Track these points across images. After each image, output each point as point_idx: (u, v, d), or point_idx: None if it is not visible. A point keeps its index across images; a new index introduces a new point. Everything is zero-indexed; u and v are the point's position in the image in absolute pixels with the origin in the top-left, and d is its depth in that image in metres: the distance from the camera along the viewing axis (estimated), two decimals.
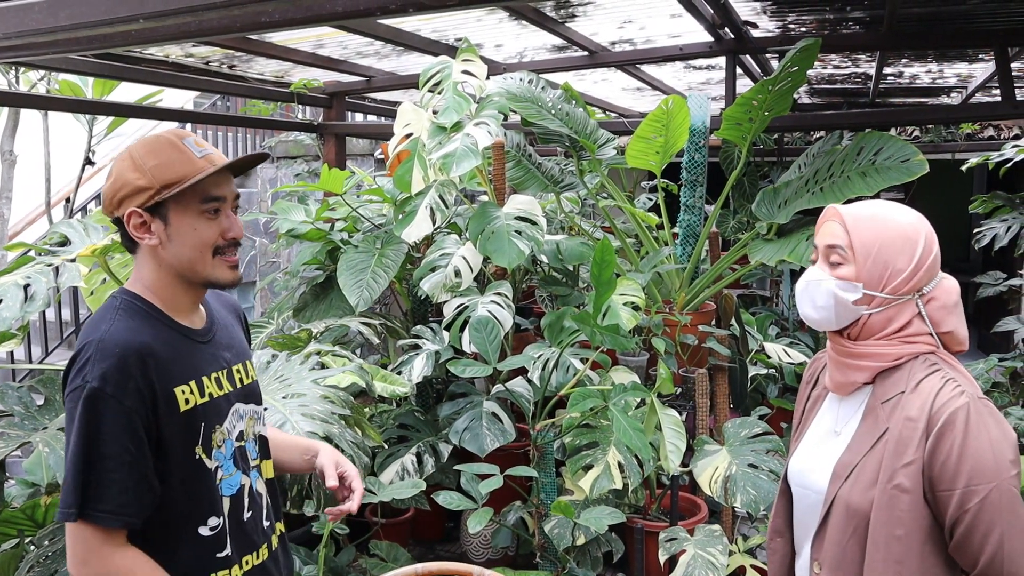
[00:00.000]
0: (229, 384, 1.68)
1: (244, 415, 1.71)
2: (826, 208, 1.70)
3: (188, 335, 1.63)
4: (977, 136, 7.79)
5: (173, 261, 1.57)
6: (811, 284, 1.65)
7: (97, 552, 1.46)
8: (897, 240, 1.59)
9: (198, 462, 1.57)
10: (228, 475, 1.64)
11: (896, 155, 3.43)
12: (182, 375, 1.56)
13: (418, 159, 3.71)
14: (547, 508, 3.25)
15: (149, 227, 1.56)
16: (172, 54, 4.56)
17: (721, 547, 3.05)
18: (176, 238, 1.56)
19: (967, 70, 5.33)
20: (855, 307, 1.60)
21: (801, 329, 7.25)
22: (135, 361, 1.48)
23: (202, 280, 1.60)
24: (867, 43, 4.26)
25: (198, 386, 1.59)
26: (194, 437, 1.57)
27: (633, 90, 6.40)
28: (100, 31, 2.18)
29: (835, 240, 1.62)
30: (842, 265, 1.61)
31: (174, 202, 1.55)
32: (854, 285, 1.59)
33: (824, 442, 1.68)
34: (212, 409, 1.61)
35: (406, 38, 4.21)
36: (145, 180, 1.53)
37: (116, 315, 1.55)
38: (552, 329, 3.32)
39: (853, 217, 1.62)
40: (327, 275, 4.36)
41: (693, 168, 4.08)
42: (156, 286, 1.60)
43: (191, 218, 1.56)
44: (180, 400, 1.54)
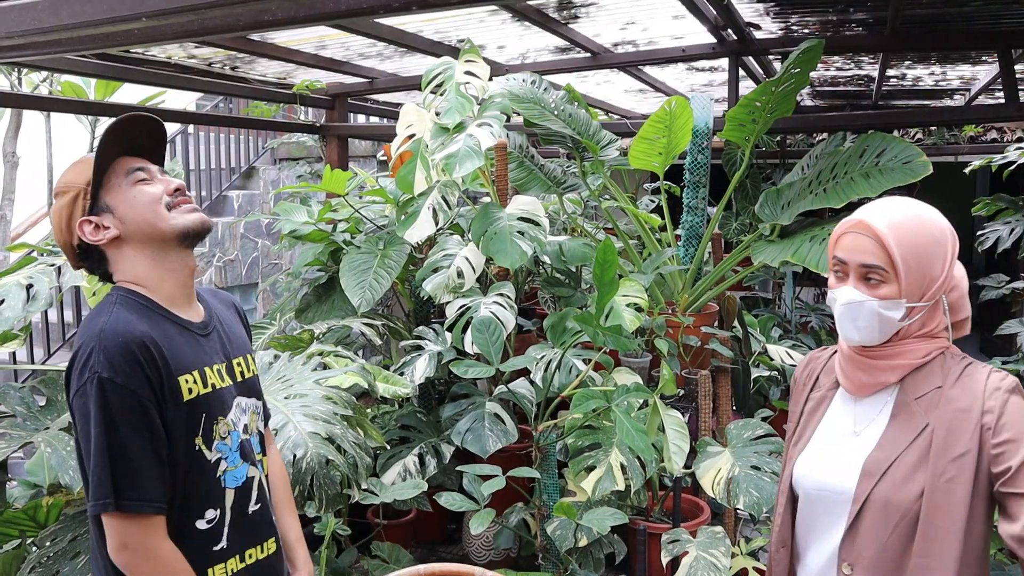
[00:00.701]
0: (230, 377, 1.68)
1: (247, 409, 1.72)
2: (852, 220, 1.61)
3: (187, 327, 1.63)
4: (980, 139, 7.79)
5: (138, 234, 1.60)
6: (852, 306, 1.59)
7: (139, 538, 1.47)
8: (932, 247, 1.55)
9: (198, 453, 1.57)
10: (233, 467, 1.64)
11: (899, 156, 3.42)
12: (185, 364, 1.57)
13: (421, 160, 3.71)
14: (549, 509, 3.25)
15: (101, 224, 1.59)
16: (175, 55, 4.56)
17: (724, 549, 3.04)
18: (127, 215, 1.59)
19: (970, 72, 5.33)
20: (899, 323, 1.57)
21: (803, 331, 7.25)
22: (140, 349, 1.49)
23: (172, 234, 1.61)
24: (870, 45, 4.26)
25: (201, 376, 1.60)
26: (195, 427, 1.57)
27: (635, 92, 6.40)
28: (103, 30, 2.17)
29: (872, 259, 1.56)
30: (884, 284, 1.56)
31: (104, 191, 1.60)
32: (897, 303, 1.55)
33: (840, 443, 1.65)
34: (215, 400, 1.62)
35: (408, 39, 4.21)
36: (71, 192, 1.60)
37: (114, 308, 1.55)
38: (555, 330, 3.31)
39: (890, 230, 1.55)
40: (329, 276, 4.36)
41: (696, 169, 4.08)
42: (142, 275, 1.61)
43: (126, 192, 1.60)
44: (184, 389, 1.55)
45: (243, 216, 8.00)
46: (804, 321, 7.48)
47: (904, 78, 5.60)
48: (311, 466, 2.52)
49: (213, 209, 9.12)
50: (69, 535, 2.49)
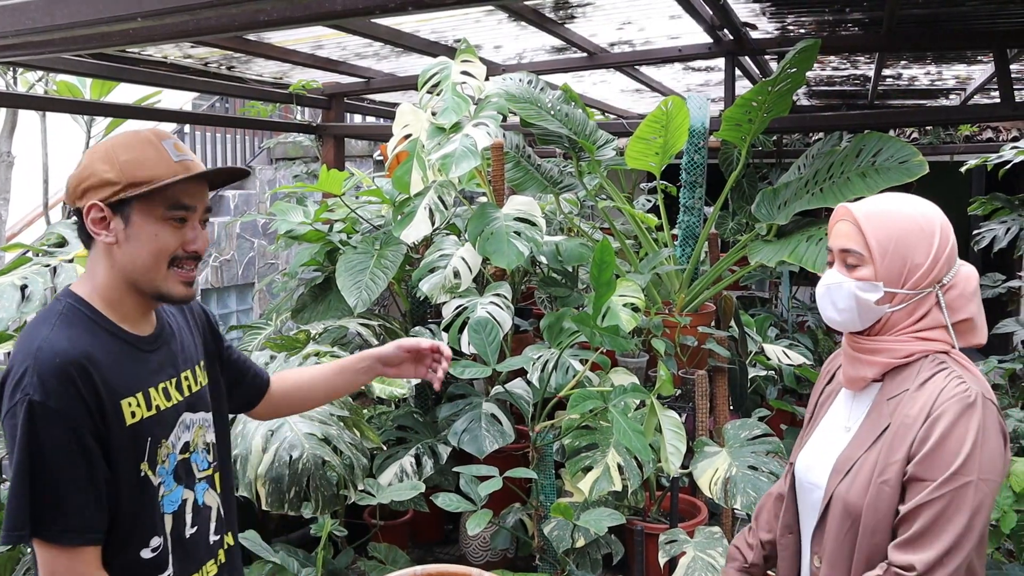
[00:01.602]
0: (177, 393, 1.58)
1: (192, 425, 1.61)
2: (837, 208, 1.68)
3: (135, 343, 1.52)
4: (976, 138, 7.80)
5: (127, 264, 1.48)
6: (831, 288, 1.63)
7: (67, 570, 1.37)
8: (913, 234, 1.57)
9: (144, 479, 1.48)
10: (169, 491, 1.54)
11: (895, 156, 3.42)
12: (128, 387, 1.46)
13: (417, 160, 3.71)
14: (546, 510, 3.24)
15: (108, 223, 1.46)
16: (171, 55, 4.55)
17: (721, 549, 3.03)
18: (134, 240, 1.47)
19: (966, 72, 5.34)
20: (877, 307, 1.59)
21: (800, 331, 7.25)
22: (78, 371, 1.38)
23: (152, 291, 1.50)
24: (866, 44, 4.26)
25: (145, 398, 1.49)
26: (140, 452, 1.47)
27: (632, 92, 6.40)
28: (97, 30, 2.17)
29: (849, 242, 1.61)
30: (860, 267, 1.59)
31: (139, 202, 1.45)
32: (874, 285, 1.58)
33: (833, 438, 1.68)
34: (159, 422, 1.51)
35: (405, 39, 4.20)
36: (114, 174, 1.44)
37: (57, 321, 1.44)
38: (551, 330, 3.31)
39: (865, 215, 1.60)
40: (325, 276, 4.35)
41: (692, 169, 4.08)
42: (105, 288, 1.50)
43: (154, 223, 1.47)
44: (126, 413, 1.45)
45: (239, 216, 8.00)
46: (801, 320, 7.48)
47: (900, 78, 5.61)
48: (307, 467, 2.52)
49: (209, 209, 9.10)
50: None
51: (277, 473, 2.51)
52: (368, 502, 3.19)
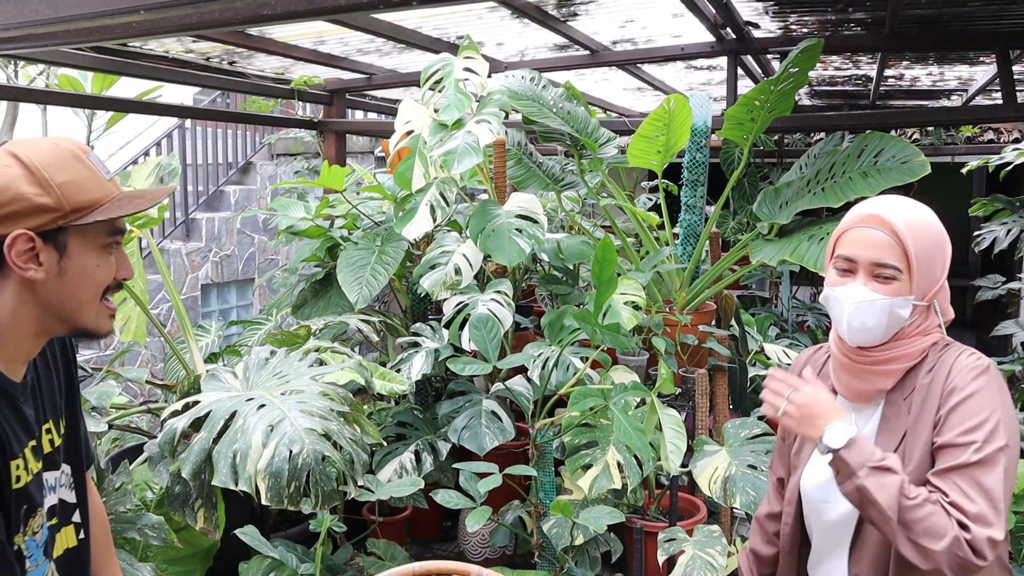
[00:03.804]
0: (43, 449, 1.35)
1: (54, 485, 1.38)
2: (860, 215, 1.56)
3: (13, 393, 1.28)
4: (977, 139, 7.81)
5: (55, 300, 1.26)
6: (862, 306, 1.52)
7: None
8: (937, 248, 1.53)
9: (18, 553, 1.26)
10: (34, 566, 1.30)
11: (897, 156, 3.42)
12: (13, 446, 1.24)
13: (419, 156, 3.70)
14: (546, 507, 3.24)
15: (38, 257, 1.23)
16: (172, 50, 4.55)
17: (720, 548, 3.03)
18: (69, 275, 1.26)
19: (968, 73, 5.33)
20: (904, 321, 1.53)
21: (800, 330, 7.25)
22: None
23: (79, 326, 1.30)
24: (869, 44, 4.26)
25: (24, 460, 1.27)
26: (17, 522, 1.26)
27: (634, 90, 6.39)
28: (100, 22, 2.17)
29: (886, 255, 1.51)
30: (896, 281, 1.52)
31: (76, 231, 1.25)
32: (907, 300, 1.52)
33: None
34: (35, 487, 1.30)
35: (407, 35, 4.20)
36: (51, 199, 1.22)
37: None
38: (552, 328, 3.31)
39: (907, 225, 1.50)
40: (326, 272, 4.35)
41: (694, 168, 4.07)
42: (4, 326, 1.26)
43: (94, 253, 1.28)
44: (12, 477, 1.23)
45: (240, 211, 7.99)
46: (801, 320, 7.49)
47: (902, 78, 5.61)
48: (307, 462, 2.52)
49: (210, 204, 9.12)
50: None
51: (277, 468, 2.51)
52: (367, 498, 3.19)
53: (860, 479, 1.41)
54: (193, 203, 8.85)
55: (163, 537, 2.80)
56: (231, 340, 5.22)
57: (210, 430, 2.57)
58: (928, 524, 1.36)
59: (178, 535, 2.97)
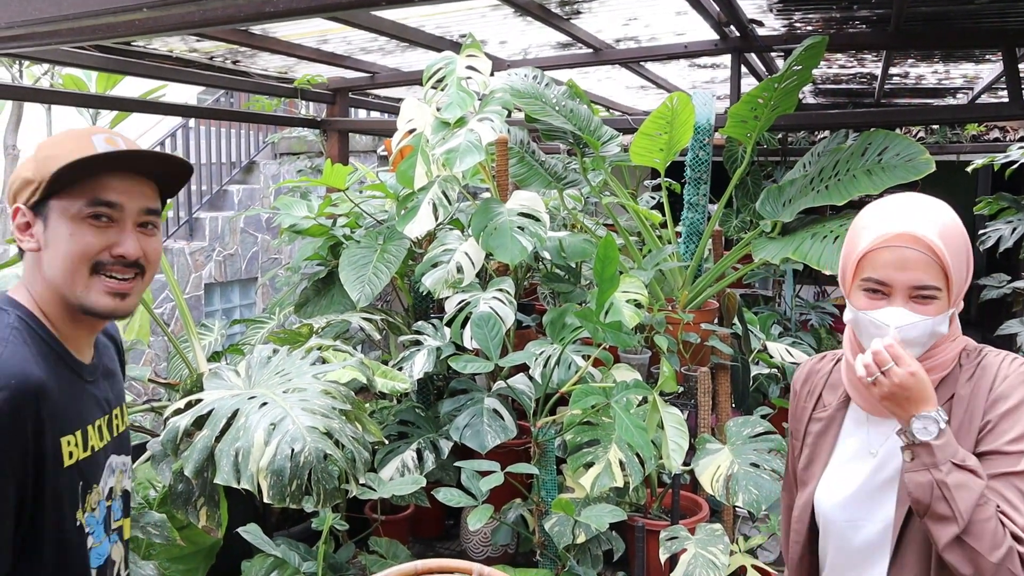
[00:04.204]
0: (108, 433, 1.40)
1: (116, 469, 1.44)
2: (888, 233, 1.42)
3: (78, 372, 1.34)
4: (983, 137, 7.78)
5: (48, 272, 1.29)
6: (905, 330, 1.41)
7: None
8: (966, 248, 1.44)
9: (78, 528, 1.31)
10: (98, 543, 1.37)
11: (902, 154, 3.41)
12: (70, 421, 1.29)
13: (421, 154, 3.70)
14: (547, 506, 3.24)
15: (31, 229, 1.29)
16: (176, 49, 4.55)
17: (722, 546, 3.03)
18: (52, 244, 1.28)
19: (974, 71, 5.32)
20: (943, 334, 1.45)
21: (803, 329, 7.24)
22: (27, 402, 1.19)
23: (76, 302, 1.29)
24: (873, 42, 4.25)
25: (83, 437, 1.32)
26: (75, 498, 1.30)
27: (637, 88, 6.39)
28: (103, 20, 2.17)
29: (927, 277, 1.39)
30: (936, 301, 1.41)
31: (57, 200, 1.27)
32: (946, 315, 1.42)
33: (860, 467, 1.52)
34: (92, 465, 1.34)
35: (410, 34, 4.20)
36: (32, 172, 1.27)
37: (11, 336, 1.25)
38: (554, 326, 3.31)
39: (943, 241, 1.39)
40: (329, 271, 4.35)
41: (697, 166, 4.07)
42: (46, 303, 1.31)
43: (70, 222, 1.27)
44: (65, 453, 1.26)
45: (243, 210, 8.00)
46: (804, 319, 7.48)
47: (907, 76, 5.59)
48: (309, 460, 2.51)
49: (213, 203, 9.13)
50: None
51: (279, 466, 2.50)
52: (369, 496, 3.19)
53: (943, 474, 1.32)
54: (197, 202, 8.87)
55: (166, 535, 2.80)
56: (234, 339, 5.23)
57: (212, 428, 2.57)
58: (991, 534, 1.30)
59: (181, 533, 2.97)
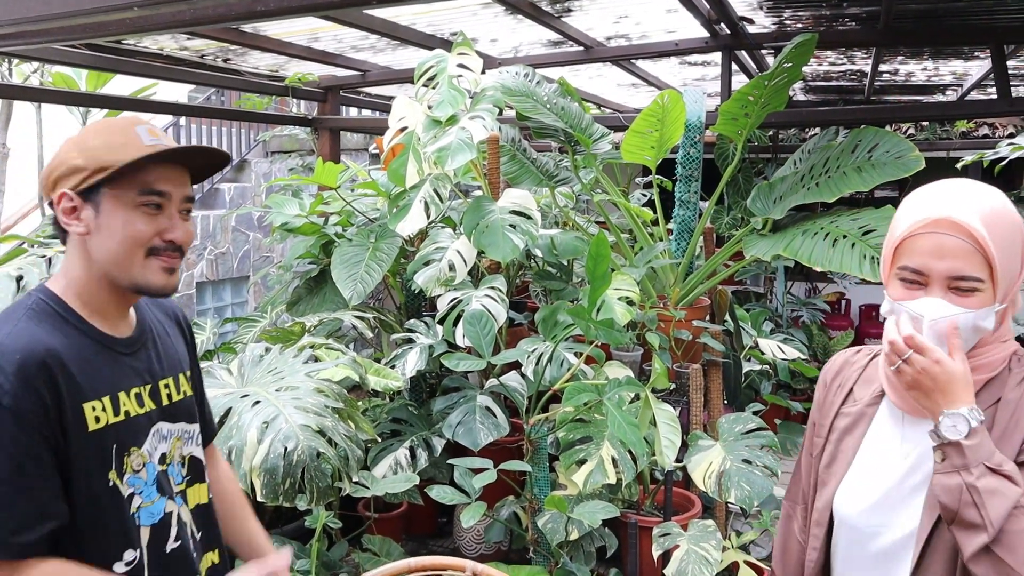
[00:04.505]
0: (152, 401, 1.49)
1: (169, 435, 1.52)
2: (926, 218, 1.30)
3: (108, 344, 1.44)
4: (972, 134, 7.81)
5: (100, 256, 1.39)
6: (938, 324, 1.30)
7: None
8: (1018, 239, 1.30)
9: (112, 489, 1.39)
10: (149, 502, 1.45)
11: (892, 151, 3.43)
12: (94, 389, 1.37)
13: (413, 152, 3.71)
14: (540, 503, 3.25)
15: (78, 213, 1.39)
16: (167, 47, 4.54)
17: (715, 542, 3.04)
18: (105, 230, 1.38)
19: (963, 68, 5.34)
20: (987, 331, 1.32)
21: (795, 325, 7.27)
22: (37, 370, 1.29)
23: (129, 282, 1.41)
24: (863, 39, 4.26)
25: (112, 402, 1.40)
26: (106, 460, 1.38)
27: (628, 86, 6.40)
28: (94, 19, 2.17)
29: (966, 267, 1.27)
30: (978, 292, 1.29)
31: (109, 188, 1.37)
32: (991, 311, 1.30)
33: (889, 470, 1.40)
34: (127, 429, 1.42)
35: (401, 32, 4.20)
36: (82, 160, 1.37)
37: (23, 316, 1.36)
38: (546, 323, 3.31)
39: (987, 228, 1.27)
40: (321, 269, 4.35)
41: (688, 163, 4.08)
42: (80, 284, 1.42)
43: (125, 210, 1.38)
44: (89, 418, 1.35)
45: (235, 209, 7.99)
46: (795, 315, 7.50)
47: (897, 73, 5.61)
48: (302, 458, 2.52)
49: (205, 202, 9.10)
50: None
51: (272, 464, 2.51)
52: (362, 494, 3.19)
53: (973, 477, 1.21)
54: None
55: None
56: (226, 337, 5.22)
57: None
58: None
59: None
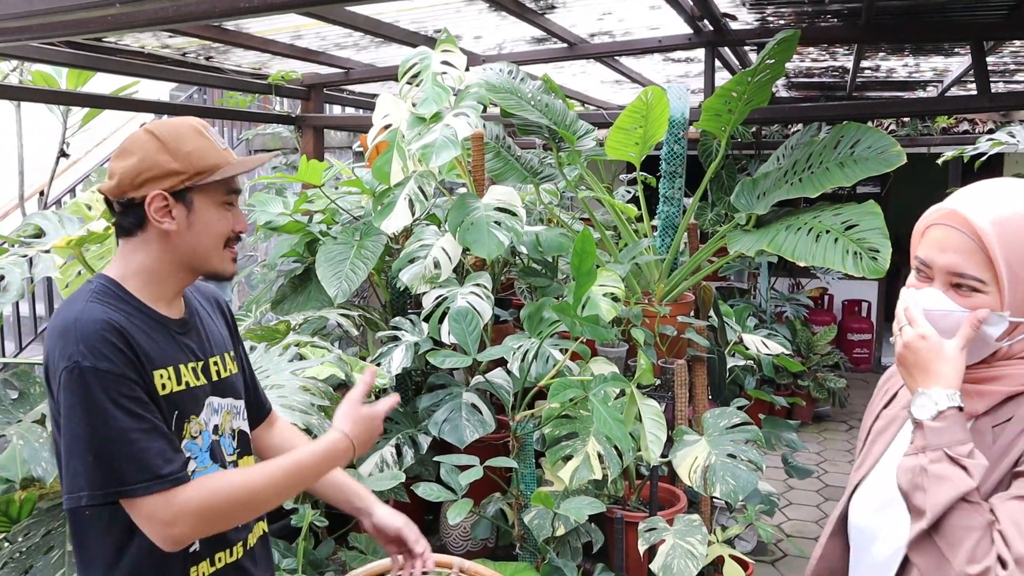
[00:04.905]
0: (204, 377, 1.64)
1: (219, 409, 1.67)
2: (940, 209, 1.27)
3: (164, 323, 1.59)
4: (952, 130, 7.87)
5: (185, 249, 1.57)
6: (933, 316, 1.24)
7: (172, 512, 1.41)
8: None
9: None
10: (203, 468, 1.59)
11: (874, 146, 3.45)
12: (159, 360, 1.53)
13: (397, 150, 3.70)
14: (527, 499, 3.25)
15: (171, 212, 1.54)
16: (148, 45, 4.52)
17: (700, 537, 3.06)
18: (196, 227, 1.56)
19: (943, 64, 5.38)
20: (996, 342, 1.24)
21: (778, 321, 7.30)
22: (116, 335, 1.45)
23: (208, 270, 1.61)
24: (845, 36, 4.29)
25: (175, 373, 1.56)
26: (169, 425, 1.52)
27: (612, 83, 6.41)
28: (76, 16, 2.15)
29: (964, 264, 1.22)
30: (979, 294, 1.22)
31: (200, 190, 1.55)
32: (999, 316, 1.21)
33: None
34: (188, 398, 1.58)
35: (385, 29, 4.19)
36: (179, 164, 1.53)
37: (88, 298, 1.51)
38: (532, 320, 3.32)
39: (994, 227, 1.19)
40: (305, 267, 4.33)
41: (672, 159, 4.09)
42: (149, 273, 1.58)
43: (214, 208, 1.57)
44: (158, 384, 1.51)
45: None
46: (779, 311, 7.54)
47: (878, 69, 5.65)
48: None
49: None
50: (43, 529, 2.46)
51: None
52: None
53: (926, 461, 1.18)
54: None
55: None
56: None
57: None
58: (971, 546, 1.14)
59: None
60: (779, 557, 4.74)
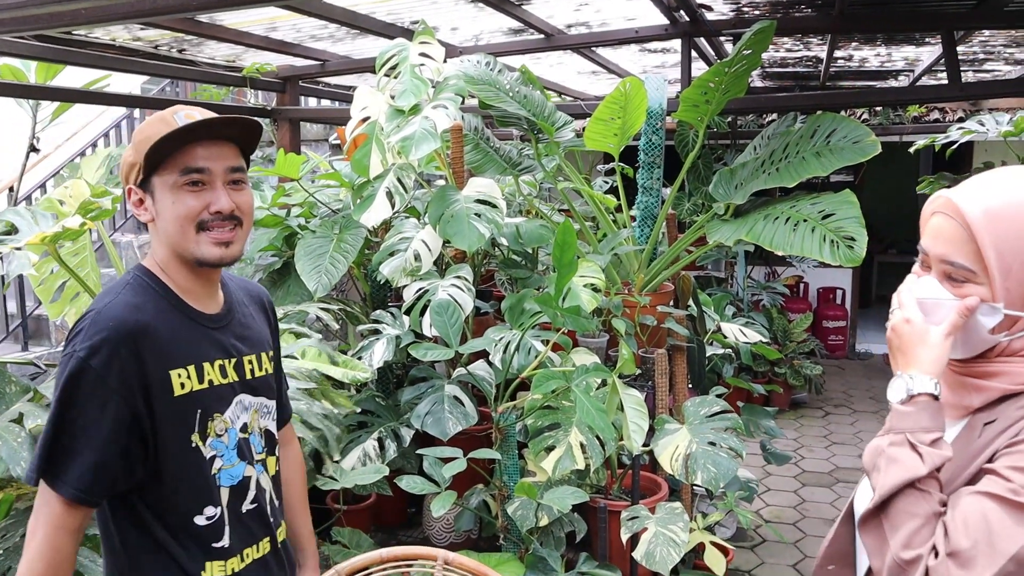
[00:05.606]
0: (235, 374, 1.64)
1: (249, 407, 1.67)
2: (939, 198, 1.25)
3: (196, 319, 1.60)
4: (923, 119, 7.96)
5: (165, 237, 1.56)
6: (925, 304, 1.23)
7: (45, 513, 1.45)
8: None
9: (194, 450, 1.55)
10: (230, 465, 1.61)
11: (849, 136, 3.48)
12: (180, 358, 1.54)
13: (376, 142, 3.68)
14: (510, 490, 3.26)
15: (144, 204, 1.55)
16: (119, 37, 4.46)
17: (682, 524, 3.08)
18: (161, 213, 1.53)
19: (914, 54, 5.43)
20: (992, 335, 1.22)
21: (755, 309, 7.36)
22: (126, 340, 1.45)
23: (191, 257, 1.55)
24: (819, 26, 4.32)
25: (197, 371, 1.56)
26: (189, 423, 1.54)
27: (589, 74, 6.41)
28: (49, 9, 2.12)
29: (953, 252, 1.21)
30: (969, 284, 1.21)
31: (157, 175, 1.52)
32: (991, 308, 1.20)
33: None
34: (211, 396, 1.58)
35: (361, 21, 4.16)
36: (133, 155, 1.53)
37: (123, 290, 1.53)
38: (513, 311, 3.32)
39: (986, 216, 1.18)
40: (284, 261, 4.31)
41: (650, 150, 4.10)
42: (165, 264, 1.59)
43: (171, 191, 1.52)
44: (175, 384, 1.51)
45: None
46: (756, 299, 7.60)
47: (851, 59, 5.70)
48: None
49: None
50: (21, 531, 2.44)
51: None
52: (331, 487, 3.18)
53: (886, 443, 1.19)
54: None
55: None
56: None
57: None
58: (911, 532, 1.15)
59: None
60: (758, 543, 4.79)
